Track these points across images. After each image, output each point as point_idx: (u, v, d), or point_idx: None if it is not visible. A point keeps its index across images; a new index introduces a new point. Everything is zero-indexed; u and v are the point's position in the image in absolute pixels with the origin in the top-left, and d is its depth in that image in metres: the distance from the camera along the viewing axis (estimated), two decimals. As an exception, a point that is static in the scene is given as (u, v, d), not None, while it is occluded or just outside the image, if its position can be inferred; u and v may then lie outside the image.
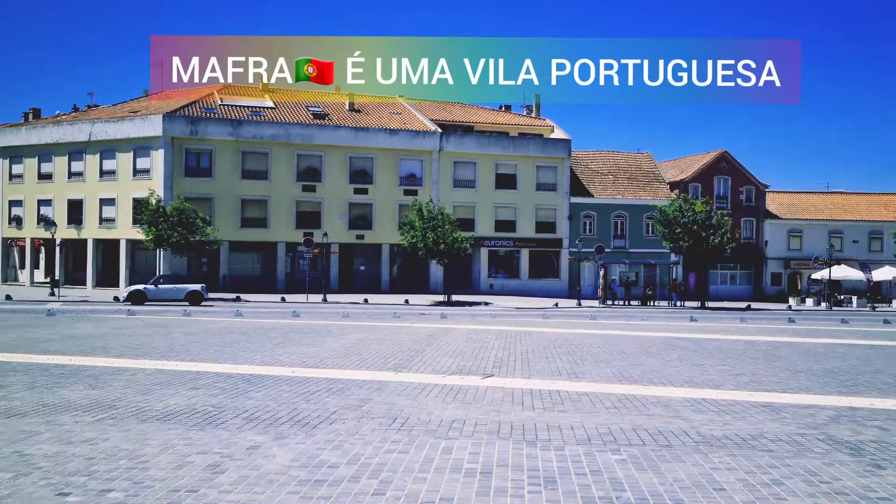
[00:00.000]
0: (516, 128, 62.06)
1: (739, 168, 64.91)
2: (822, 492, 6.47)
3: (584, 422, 9.34)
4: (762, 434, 8.78)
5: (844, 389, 12.46)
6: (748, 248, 64.20)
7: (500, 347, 18.53)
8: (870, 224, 66.73)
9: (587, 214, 59.34)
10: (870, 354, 18.52)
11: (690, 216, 50.01)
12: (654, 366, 15.27)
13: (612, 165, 63.85)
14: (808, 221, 66.09)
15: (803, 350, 19.41)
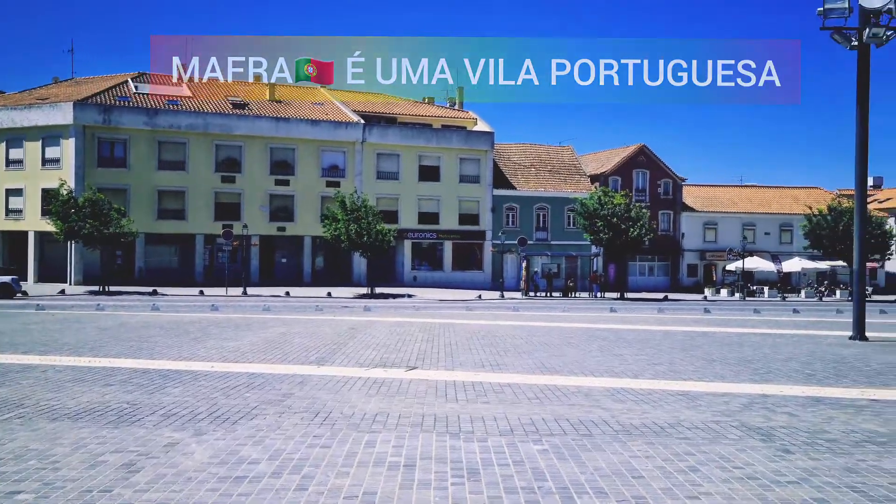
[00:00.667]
0: (440, 120, 62.17)
1: (657, 162, 66.46)
2: (736, 477, 6.65)
3: (507, 413, 9.40)
4: (679, 422, 8.98)
5: (757, 377, 12.86)
6: (666, 241, 65.82)
7: (424, 340, 18.53)
8: (781, 217, 69.16)
9: (510, 207, 59.89)
10: (780, 343, 19.18)
11: (610, 209, 50.96)
12: (575, 356, 15.49)
13: (534, 158, 64.56)
14: (723, 214, 68.10)
15: (718, 340, 19.97)
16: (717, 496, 6.10)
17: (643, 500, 6.00)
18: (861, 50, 20.30)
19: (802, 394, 11.16)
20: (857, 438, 8.19)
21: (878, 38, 19.45)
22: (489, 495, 6.06)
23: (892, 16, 19.23)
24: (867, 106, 20.65)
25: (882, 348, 18.08)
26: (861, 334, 20.15)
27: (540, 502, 5.93)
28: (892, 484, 6.48)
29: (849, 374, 13.44)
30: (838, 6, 19.56)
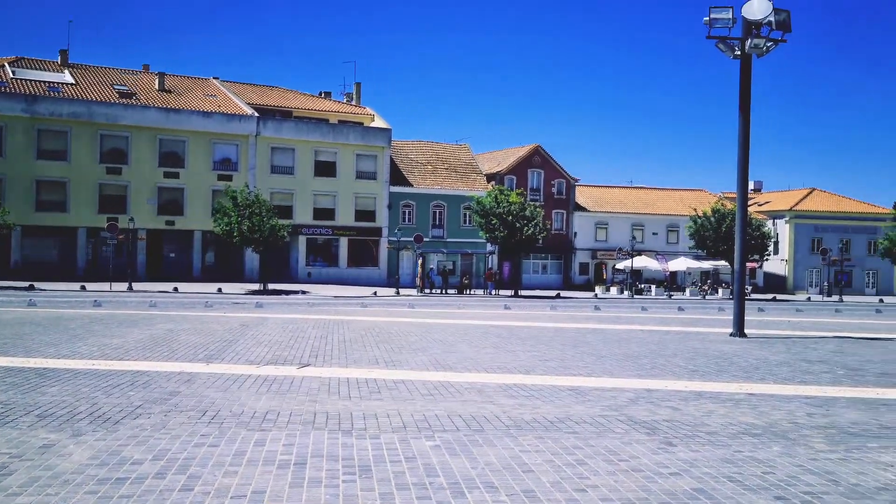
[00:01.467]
0: (336, 115, 61.61)
1: (551, 162, 67.77)
2: (621, 469, 6.83)
3: (400, 409, 9.37)
4: (568, 417, 9.16)
5: (643, 373, 13.26)
6: (559, 239, 67.22)
7: (317, 337, 18.31)
8: (668, 218, 71.65)
9: (406, 204, 59.93)
10: (666, 340, 19.85)
11: (505, 207, 51.66)
12: (469, 353, 15.61)
13: (431, 156, 64.81)
14: (614, 214, 70.05)
15: (607, 336, 20.51)
16: (603, 488, 6.24)
17: (532, 493, 6.08)
18: (743, 59, 21.23)
19: (685, 388, 11.57)
20: (735, 431, 8.54)
21: (759, 48, 20.38)
22: (381, 492, 6.02)
23: (773, 28, 20.19)
24: (748, 113, 21.62)
25: (759, 345, 18.97)
26: (741, 331, 21.08)
27: (431, 498, 5.93)
28: (766, 473, 6.78)
29: (729, 369, 14.02)
30: (723, 17, 20.39)
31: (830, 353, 17.37)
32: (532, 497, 5.98)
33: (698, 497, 6.04)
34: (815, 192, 79.73)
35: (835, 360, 15.75)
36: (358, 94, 67.49)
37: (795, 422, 9.13)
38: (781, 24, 20.12)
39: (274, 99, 61.36)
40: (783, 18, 20.08)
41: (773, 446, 7.82)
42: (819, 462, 7.21)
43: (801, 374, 13.50)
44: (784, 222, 74.35)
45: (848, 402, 10.58)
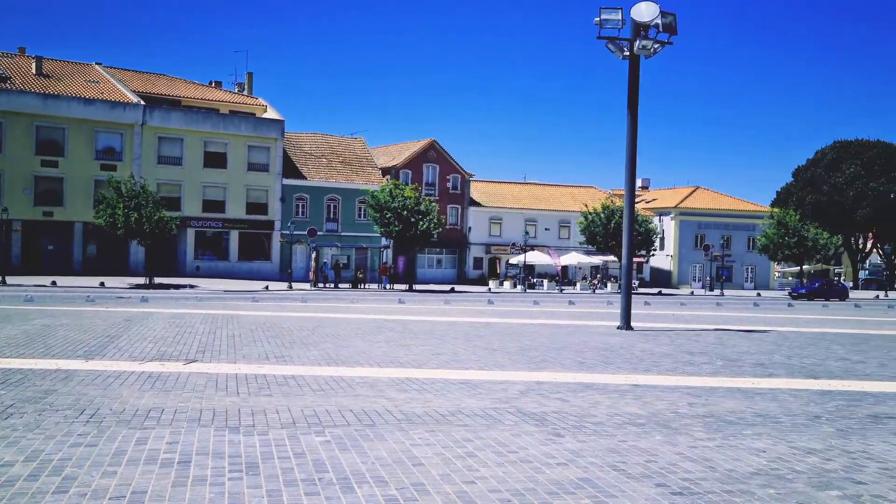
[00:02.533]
0: (228, 105, 60.12)
1: (447, 157, 68.09)
2: (510, 461, 6.90)
3: (290, 405, 9.22)
4: (460, 410, 9.21)
5: (533, 365, 13.48)
6: (453, 234, 67.68)
7: (206, 332, 17.84)
8: (560, 214, 73.12)
9: (300, 197, 59.12)
10: (556, 333, 20.25)
11: (400, 202, 51.60)
12: (361, 347, 15.51)
13: (325, 149, 64.10)
14: (507, 209, 70.97)
15: (500, 330, 20.76)
16: (491, 480, 6.29)
17: (422, 486, 6.07)
18: (632, 60, 21.83)
19: (574, 380, 11.82)
20: (620, 421, 8.78)
21: (647, 49, 21.00)
22: (268, 489, 5.89)
23: (660, 30, 20.83)
24: (636, 112, 22.26)
25: (644, 337, 19.58)
26: (627, 324, 21.72)
27: (320, 494, 5.84)
28: (648, 461, 6.98)
29: (615, 361, 14.41)
30: (612, 18, 20.91)
31: (711, 344, 18.09)
32: (421, 490, 5.97)
33: (583, 486, 6.17)
34: (699, 190, 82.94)
35: (715, 352, 16.42)
36: (250, 84, 66.05)
37: (677, 411, 9.45)
38: (668, 27, 20.79)
39: (161, 87, 59.34)
40: (669, 21, 20.75)
41: (656, 435, 8.07)
42: (698, 449, 7.48)
43: (683, 366, 14.00)
44: (670, 219, 77.06)
45: (726, 392, 11.03)
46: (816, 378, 12.77)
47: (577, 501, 5.78)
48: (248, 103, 62.05)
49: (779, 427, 8.64)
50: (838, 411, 9.71)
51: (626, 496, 5.93)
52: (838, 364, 14.80)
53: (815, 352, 17.00)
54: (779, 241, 64.23)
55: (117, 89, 55.03)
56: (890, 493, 6.14)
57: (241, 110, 60.28)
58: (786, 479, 6.47)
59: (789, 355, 16.13)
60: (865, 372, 13.75)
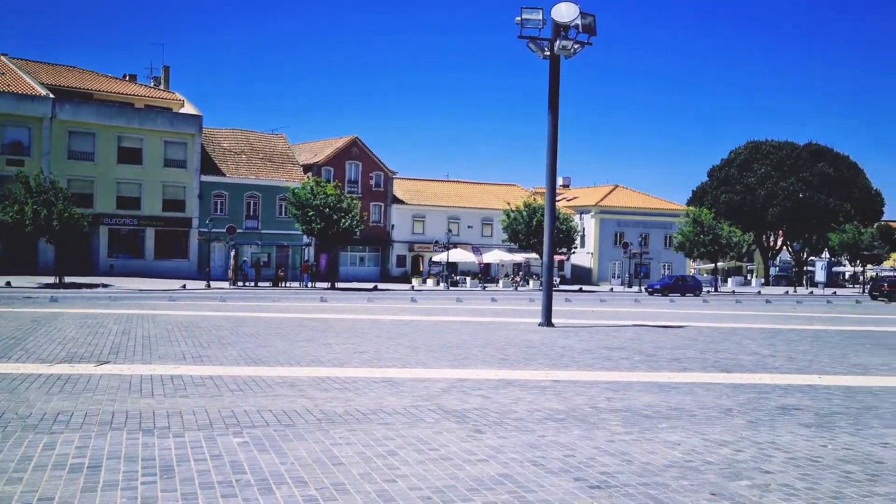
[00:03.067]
0: (143, 99, 58.53)
1: (370, 154, 67.77)
2: (431, 458, 6.90)
3: (207, 406, 9.02)
4: (381, 408, 9.16)
5: (456, 363, 13.51)
6: (376, 232, 67.42)
7: (119, 332, 17.33)
8: (482, 211, 73.59)
9: (219, 194, 58.01)
10: (479, 330, 20.36)
11: (322, 199, 51.13)
12: (282, 347, 15.30)
13: (245, 145, 63.03)
14: (431, 207, 71.08)
15: (423, 328, 20.76)
16: (412, 478, 6.27)
17: (342, 486, 6.01)
18: (553, 60, 22.09)
19: (495, 377, 11.89)
20: (540, 416, 8.87)
21: (567, 50, 21.27)
22: (183, 492, 5.74)
23: (580, 31, 21.13)
24: (557, 111, 22.53)
25: (566, 333, 19.86)
26: (549, 321, 21.99)
27: (237, 496, 5.72)
28: (567, 456, 7.07)
29: (536, 357, 14.57)
30: (533, 17, 21.11)
31: (629, 340, 18.46)
32: (342, 490, 5.91)
33: (503, 482, 6.20)
34: (619, 188, 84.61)
35: (633, 347, 16.76)
36: (166, 78, 64.47)
37: (596, 406, 9.60)
38: (587, 28, 21.10)
39: (71, 80, 57.34)
40: (589, 22, 21.06)
41: (575, 430, 8.18)
42: (615, 443, 7.61)
43: (602, 361, 14.25)
44: (590, 217, 78.40)
45: (643, 386, 11.27)
46: (729, 372, 13.15)
47: (496, 497, 5.80)
48: (165, 98, 60.52)
49: (693, 420, 8.86)
50: (749, 403, 10.01)
51: (545, 491, 5.99)
52: (750, 358, 15.28)
53: (728, 346, 17.52)
54: (694, 239, 66.01)
55: (24, 81, 52.97)
56: (796, 482, 6.36)
57: (156, 105, 58.76)
58: (699, 471, 6.64)
59: (703, 350, 16.58)
60: (774, 365, 14.23)
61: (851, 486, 6.27)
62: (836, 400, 10.44)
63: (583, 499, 5.81)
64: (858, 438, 8.06)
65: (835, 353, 16.44)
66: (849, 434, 8.27)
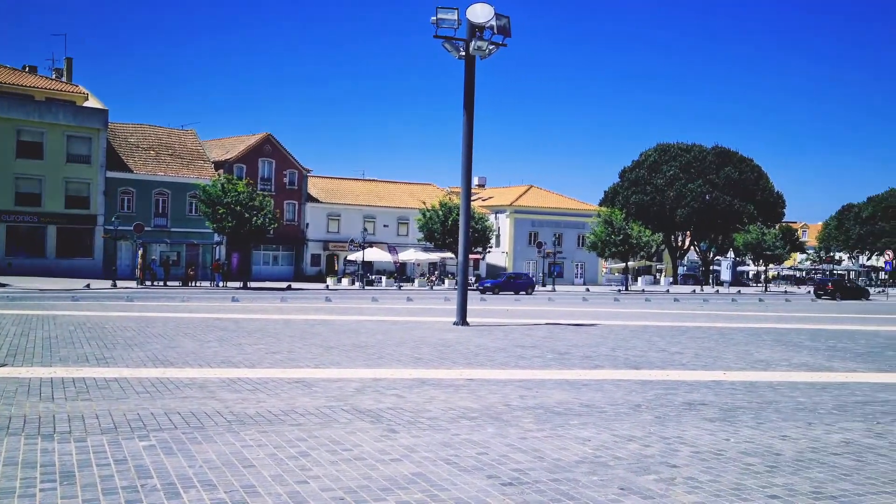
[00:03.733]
0: (44, 92, 56.25)
1: (283, 151, 66.82)
2: (344, 459, 6.84)
3: (112, 409, 8.73)
4: (294, 409, 9.04)
5: (370, 362, 13.44)
6: (290, 230, 66.53)
7: (17, 334, 16.62)
8: (398, 210, 73.47)
9: (126, 191, 56.28)
10: (393, 329, 20.31)
11: (234, 197, 50.17)
12: (191, 347, 14.94)
13: (153, 140, 61.30)
14: (346, 206, 70.55)
15: (337, 327, 20.59)
16: (325, 479, 6.20)
17: (252, 488, 5.90)
18: (468, 60, 22.22)
19: (410, 376, 11.88)
20: (454, 415, 8.89)
21: (481, 50, 21.43)
22: (84, 498, 5.54)
23: (494, 32, 21.31)
24: (472, 111, 22.67)
25: (480, 332, 20.00)
26: (463, 320, 22.10)
27: (143, 501, 5.55)
28: (480, 454, 7.11)
29: (451, 356, 14.62)
30: (449, 17, 21.18)
31: (542, 338, 18.71)
32: (252, 492, 5.80)
33: (417, 481, 6.19)
34: (533, 189, 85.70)
35: (546, 346, 17.00)
36: (69, 70, 62.13)
37: (509, 404, 9.69)
38: (502, 29, 21.30)
39: (-31, 70, 54.75)
40: (504, 24, 21.27)
41: (488, 428, 8.23)
42: (528, 440, 7.69)
43: (515, 359, 14.40)
44: (505, 217, 79.18)
45: (555, 384, 11.43)
46: (638, 369, 13.47)
47: (410, 496, 5.79)
48: (67, 91, 58.30)
49: (603, 416, 9.03)
50: (657, 399, 10.27)
51: (458, 489, 6.01)
52: (658, 355, 15.69)
53: (637, 344, 17.94)
54: (606, 239, 67.40)
55: (-83, 70, 50.30)
56: (700, 475, 6.54)
57: (59, 98, 56.55)
58: (608, 466, 6.76)
59: (614, 347, 16.94)
60: (682, 362, 14.64)
61: (752, 478, 6.49)
62: (739, 395, 10.81)
63: (495, 496, 5.85)
64: (759, 432, 8.36)
65: (739, 350, 17.03)
66: (750, 428, 8.56)
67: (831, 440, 8.02)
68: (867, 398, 10.76)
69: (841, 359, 15.65)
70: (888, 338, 20.85)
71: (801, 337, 20.72)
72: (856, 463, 7.09)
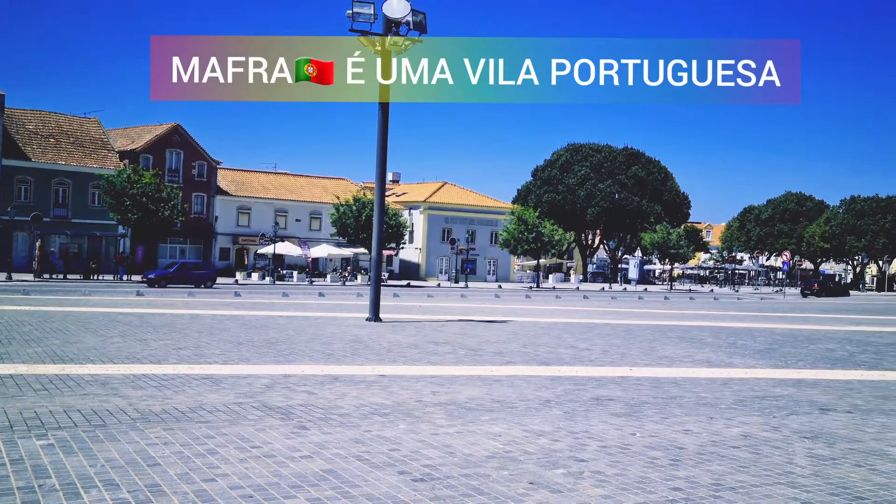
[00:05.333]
0: (-63, 74, 53.42)
1: (192, 142, 65.24)
2: (253, 456, 6.72)
3: (7, 407, 8.36)
4: (201, 406, 8.84)
5: (281, 358, 13.26)
6: (199, 223, 65.06)
7: None
8: (311, 205, 72.68)
9: (23, 179, 53.97)
10: (305, 325, 20.09)
11: (140, 188, 48.76)
12: (93, 343, 14.45)
13: (54, 128, 58.91)
14: (257, 199, 69.42)
15: (247, 322, 20.24)
16: (233, 476, 6.08)
17: (157, 487, 5.74)
18: (384, 56, 22.11)
19: (322, 372, 11.77)
20: (366, 411, 8.86)
21: (397, 45, 21.36)
22: (-24, 502, 5.29)
23: (411, 28, 21.28)
24: (388, 107, 22.59)
25: (393, 328, 19.96)
26: (377, 316, 22.02)
27: (40, 502, 5.34)
28: (392, 450, 7.10)
29: (363, 352, 14.55)
30: (365, 11, 21.06)
31: (455, 335, 18.81)
32: (157, 491, 5.65)
33: (327, 478, 6.14)
34: (447, 185, 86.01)
35: (458, 342, 17.09)
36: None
37: (421, 400, 9.70)
38: (418, 25, 21.28)
39: None
40: (420, 20, 21.25)
41: (400, 424, 8.23)
42: (439, 436, 7.72)
43: (428, 355, 14.43)
44: (419, 213, 79.25)
45: (467, 380, 11.51)
46: (548, 365, 13.68)
47: (320, 493, 5.74)
48: (-36, 73, 55.47)
49: (514, 412, 9.13)
50: (566, 395, 10.45)
51: (370, 485, 5.98)
52: (568, 351, 15.97)
53: (548, 340, 18.22)
54: (518, 237, 68.22)
55: None
56: (607, 469, 6.69)
57: (-46, 80, 53.78)
58: (518, 461, 6.85)
59: (525, 344, 17.16)
60: (590, 358, 14.94)
61: (656, 471, 6.67)
62: (644, 390, 11.09)
63: (406, 492, 5.85)
64: (663, 426, 8.60)
65: (645, 347, 17.48)
66: (655, 422, 8.80)
67: (731, 434, 8.31)
68: (764, 393, 11.20)
69: (741, 355, 16.25)
70: (784, 335, 21.76)
71: (704, 334, 21.42)
72: (753, 455, 7.36)
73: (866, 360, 16.13)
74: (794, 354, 16.68)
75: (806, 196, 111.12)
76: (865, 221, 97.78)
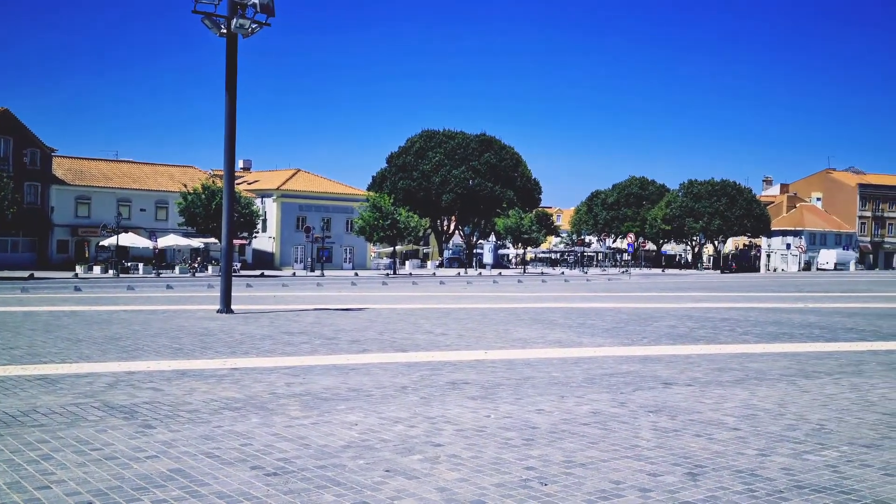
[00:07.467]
0: None
1: (23, 129, 61.19)
2: (93, 459, 6.33)
3: None
4: (35, 409, 8.27)
5: (125, 355, 12.62)
6: (33, 214, 61.21)
7: None
8: (157, 193, 69.84)
9: None
10: (151, 319, 19.24)
11: (-34, 177, 45.33)
12: (-88, 345, 13.27)
13: None
14: (97, 189, 66.03)
15: (86, 318, 19.19)
16: (70, 482, 5.70)
17: (-17, 501, 5.30)
18: (229, 38, 21.41)
19: (169, 368, 11.28)
20: (217, 406, 8.55)
21: (244, 28, 20.73)
22: None
23: (257, 10, 20.69)
24: (235, 92, 21.90)
25: (245, 320, 19.44)
26: (228, 307, 21.38)
27: None
28: (244, 445, 6.87)
29: (214, 345, 14.07)
30: (209, -9, 20.28)
31: (310, 324, 18.52)
32: (-18, 505, 5.21)
33: (175, 477, 5.86)
34: (301, 172, 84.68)
35: (313, 331, 16.83)
36: None
37: (275, 392, 9.46)
38: (265, 8, 20.71)
39: None
40: (267, 3, 20.68)
41: (253, 418, 7.99)
42: (294, 428, 7.54)
43: (282, 346, 14.13)
44: (272, 201, 77.66)
45: (323, 370, 11.33)
46: (405, 351, 13.69)
47: (167, 494, 5.46)
48: None
49: (370, 400, 9.06)
50: (422, 381, 10.47)
51: (220, 482, 5.76)
52: (424, 337, 16.04)
53: (404, 327, 18.24)
54: (374, 224, 68.13)
55: None
56: (463, 452, 6.73)
57: None
58: (375, 449, 6.78)
59: (382, 331, 17.11)
60: (446, 343, 15.07)
61: (510, 452, 6.77)
62: (499, 372, 11.28)
63: (259, 487, 5.67)
64: (517, 407, 8.76)
65: (499, 330, 17.81)
66: (509, 403, 8.95)
67: (581, 411, 8.57)
68: (612, 370, 11.63)
69: (590, 335, 16.84)
70: (629, 314, 22.74)
71: (555, 315, 22.07)
72: (602, 431, 7.61)
73: (704, 335, 17.07)
74: (640, 332, 17.44)
75: (648, 181, 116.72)
76: (702, 204, 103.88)
